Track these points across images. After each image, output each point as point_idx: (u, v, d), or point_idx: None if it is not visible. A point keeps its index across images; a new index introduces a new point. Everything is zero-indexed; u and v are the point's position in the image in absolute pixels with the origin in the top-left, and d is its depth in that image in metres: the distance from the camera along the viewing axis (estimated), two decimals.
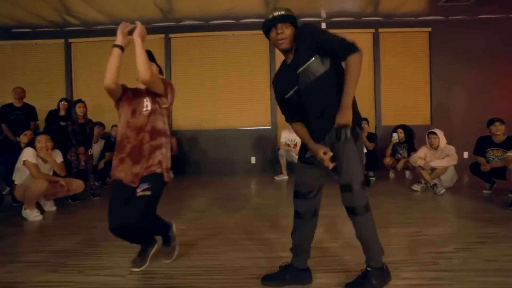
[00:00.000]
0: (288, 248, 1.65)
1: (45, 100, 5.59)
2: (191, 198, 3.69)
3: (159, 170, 1.66)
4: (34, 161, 2.89)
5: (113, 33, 6.33)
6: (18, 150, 3.75)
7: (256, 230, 2.45)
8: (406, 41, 5.66)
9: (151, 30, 5.59)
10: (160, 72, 1.91)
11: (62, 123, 4.98)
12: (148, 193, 1.59)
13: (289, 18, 1.43)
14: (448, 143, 3.82)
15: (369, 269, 1.48)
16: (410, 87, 5.69)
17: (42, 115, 5.13)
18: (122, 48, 1.67)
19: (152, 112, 1.72)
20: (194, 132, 5.61)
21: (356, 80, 1.38)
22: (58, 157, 3.15)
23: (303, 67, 1.42)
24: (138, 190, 1.62)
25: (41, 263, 1.92)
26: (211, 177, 5.18)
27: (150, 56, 1.75)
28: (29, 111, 4.75)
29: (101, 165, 4.45)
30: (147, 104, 1.72)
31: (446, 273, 1.66)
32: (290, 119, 1.61)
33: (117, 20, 5.46)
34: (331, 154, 1.41)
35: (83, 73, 5.86)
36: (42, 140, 2.97)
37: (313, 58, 1.41)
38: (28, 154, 2.88)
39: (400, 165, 4.34)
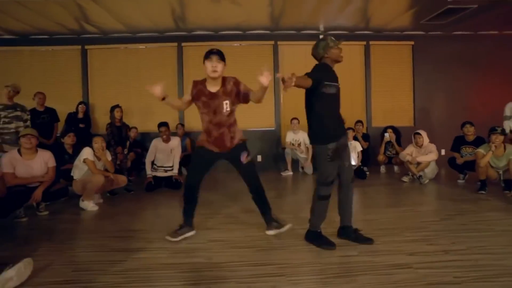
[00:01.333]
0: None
1: (63, 103, 5.93)
2: (212, 194, 4.24)
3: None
4: (92, 159, 3.37)
5: (127, 40, 6.86)
6: (58, 150, 4.20)
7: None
8: (393, 53, 6.46)
9: (164, 38, 6.17)
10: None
11: (81, 125, 5.42)
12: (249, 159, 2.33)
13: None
14: (430, 141, 4.61)
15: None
16: (396, 93, 6.50)
17: (61, 117, 5.49)
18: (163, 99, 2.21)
19: (231, 113, 2.28)
20: None
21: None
22: (108, 155, 3.63)
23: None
24: (242, 159, 2.29)
25: (133, 237, 2.45)
26: (222, 174, 5.72)
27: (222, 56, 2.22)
28: (52, 114, 5.11)
29: (129, 163, 4.90)
30: (226, 106, 2.24)
31: (436, 232, 2.36)
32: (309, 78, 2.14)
33: (133, 29, 5.90)
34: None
35: (99, 78, 6.24)
36: (99, 141, 3.45)
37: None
38: (87, 153, 3.35)
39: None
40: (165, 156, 4.38)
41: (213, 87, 2.23)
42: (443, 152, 5.98)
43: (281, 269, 1.84)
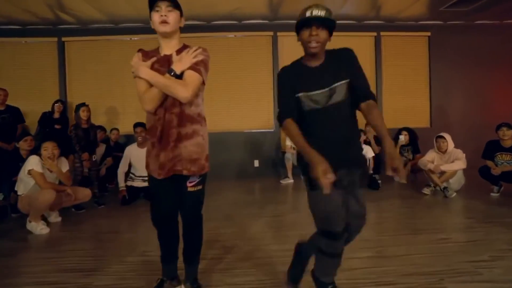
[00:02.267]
0: None
1: (36, 102, 5.34)
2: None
3: None
4: (40, 170, 2.71)
5: (110, 32, 6.13)
6: (12, 156, 3.56)
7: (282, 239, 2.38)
8: (407, 45, 5.75)
9: (150, 30, 5.51)
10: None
11: (57, 126, 4.77)
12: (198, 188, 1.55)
13: (328, 22, 1.29)
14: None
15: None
16: (410, 90, 5.78)
17: (34, 117, 4.89)
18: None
19: None
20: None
21: (384, 123, 1.26)
22: (64, 165, 2.98)
23: (341, 82, 1.31)
24: (188, 184, 1.52)
25: (63, 284, 1.78)
26: (216, 181, 5.06)
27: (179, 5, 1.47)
28: (15, 114, 4.47)
29: (103, 171, 4.25)
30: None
31: (491, 284, 1.65)
32: (288, 116, 1.33)
33: (115, 19, 5.26)
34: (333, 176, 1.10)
35: (78, 73, 5.60)
36: (49, 148, 2.78)
37: (344, 82, 1.31)
38: (33, 163, 2.69)
39: (407, 168, 4.38)
40: (143, 163, 3.68)
41: (169, 50, 1.50)
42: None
43: None
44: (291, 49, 5.64)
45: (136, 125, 3.80)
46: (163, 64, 1.45)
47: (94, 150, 3.72)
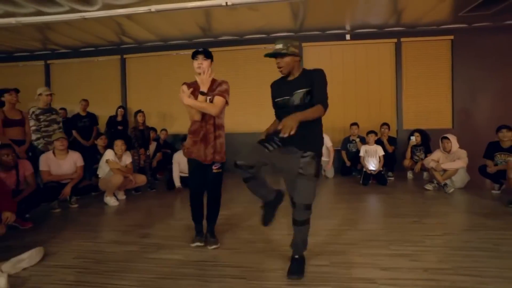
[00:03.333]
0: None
1: (105, 108, 6.65)
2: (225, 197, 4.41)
3: None
4: (114, 159, 3.78)
5: (160, 48, 7.31)
6: (89, 151, 4.75)
7: None
8: (428, 49, 5.96)
9: (193, 45, 6.52)
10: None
11: (119, 127, 5.99)
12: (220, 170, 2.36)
13: (282, 54, 1.80)
14: (469, 147, 4.17)
15: (296, 256, 1.93)
16: (431, 93, 5.98)
17: (103, 120, 6.15)
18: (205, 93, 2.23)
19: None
20: (233, 136, 6.30)
21: (311, 115, 1.71)
22: (129, 157, 4.03)
23: (299, 91, 1.82)
24: (214, 168, 2.32)
25: (128, 232, 2.72)
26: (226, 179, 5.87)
27: (210, 54, 2.31)
28: (93, 119, 5.77)
29: (154, 163, 5.32)
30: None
31: (428, 247, 2.19)
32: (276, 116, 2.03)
33: (164, 38, 6.36)
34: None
35: (135, 84, 6.85)
36: (119, 144, 3.86)
37: (305, 89, 1.81)
38: (109, 155, 3.78)
39: (417, 167, 4.72)
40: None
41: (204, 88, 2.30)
42: None
43: (245, 272, 1.91)
44: (315, 58, 6.23)
45: (183, 139, 4.75)
46: (198, 89, 2.30)
47: (148, 147, 4.76)
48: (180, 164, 4.54)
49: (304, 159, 1.79)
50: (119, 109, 6.03)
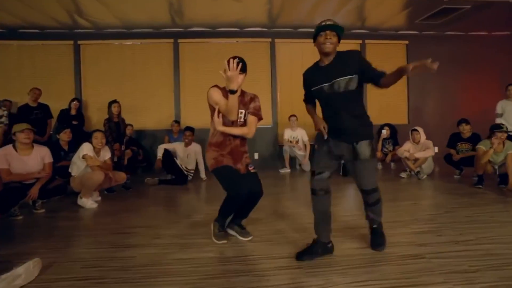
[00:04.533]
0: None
1: (55, 100, 5.76)
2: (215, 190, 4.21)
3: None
4: (92, 154, 3.27)
5: (122, 36, 6.72)
6: (54, 146, 4.06)
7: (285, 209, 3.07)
8: (388, 51, 6.56)
9: (160, 34, 6.08)
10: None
11: (74, 122, 5.26)
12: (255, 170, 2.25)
13: (337, 28, 1.78)
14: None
15: (375, 226, 2.00)
16: (391, 91, 6.54)
17: (53, 114, 5.33)
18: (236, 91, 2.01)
19: (244, 124, 2.19)
20: (202, 131, 6.04)
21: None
22: (107, 152, 3.54)
23: (342, 78, 1.77)
24: (250, 168, 2.22)
25: (137, 233, 2.39)
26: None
27: (244, 67, 2.10)
28: (46, 110, 4.97)
29: (125, 161, 4.79)
30: (240, 116, 2.17)
31: (442, 223, 2.40)
32: (307, 101, 2.08)
33: (128, 24, 5.78)
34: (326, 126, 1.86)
35: (92, 74, 6.09)
36: (99, 137, 3.35)
37: (353, 76, 1.79)
38: (87, 149, 3.25)
39: (388, 158, 5.16)
40: (185, 158, 4.57)
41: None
42: (436, 149, 6.11)
43: (298, 262, 1.83)
44: (286, 54, 6.35)
45: (187, 128, 4.65)
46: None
47: (123, 141, 4.27)
48: (181, 155, 4.57)
49: (360, 147, 1.82)
50: (73, 102, 5.31)
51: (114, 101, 4.21)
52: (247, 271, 1.74)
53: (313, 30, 1.91)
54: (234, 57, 2.03)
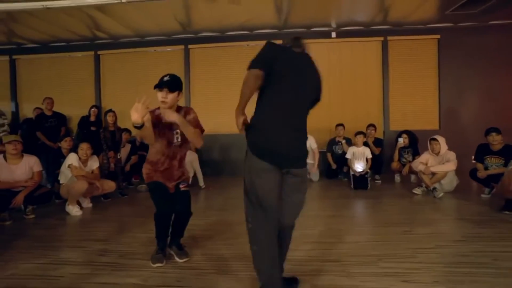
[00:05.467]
0: None
1: (77, 107, 6.20)
2: (211, 199, 4.10)
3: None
4: (77, 164, 3.39)
5: (136, 44, 6.89)
6: (55, 153, 4.33)
7: None
8: (415, 48, 5.82)
9: (171, 41, 6.17)
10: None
11: (92, 128, 5.56)
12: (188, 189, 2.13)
13: None
14: (456, 148, 4.02)
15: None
16: (418, 93, 5.85)
17: (75, 121, 5.71)
18: (142, 126, 1.82)
19: (182, 145, 2.10)
20: (212, 137, 5.97)
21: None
22: (95, 162, 3.65)
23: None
24: (181, 186, 2.11)
25: (89, 248, 2.36)
26: (228, 177, 5.58)
27: (177, 85, 1.99)
28: (60, 119, 5.32)
29: (128, 167, 4.93)
30: (177, 136, 2.07)
31: (421, 264, 1.95)
32: (258, 66, 1.51)
33: (141, 33, 5.98)
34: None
35: (110, 81, 6.43)
36: (84, 148, 3.48)
37: None
38: (72, 159, 3.38)
39: (405, 169, 4.54)
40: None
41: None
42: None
43: None
44: None
45: None
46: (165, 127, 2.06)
47: (119, 149, 4.38)
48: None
49: None
50: (92, 109, 5.61)
51: (110, 111, 4.33)
52: None
53: (328, 29, 1.76)
54: (164, 76, 1.97)
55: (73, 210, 3.34)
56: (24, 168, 3.18)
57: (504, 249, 2.17)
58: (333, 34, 5.91)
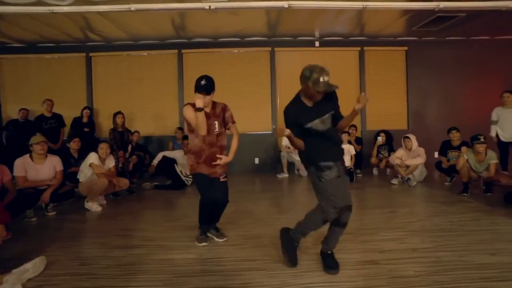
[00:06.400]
0: None
1: (69, 108, 6.20)
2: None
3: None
4: (98, 163, 3.62)
5: (130, 47, 7.07)
6: (59, 155, 4.45)
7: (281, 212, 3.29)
8: (387, 58, 6.64)
9: (165, 46, 6.42)
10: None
11: (85, 129, 5.67)
12: (226, 179, 2.52)
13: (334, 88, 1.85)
14: (422, 144, 4.79)
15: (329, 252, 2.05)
16: (390, 97, 6.67)
17: (67, 122, 5.74)
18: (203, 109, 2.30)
19: (220, 134, 2.49)
20: None
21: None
22: (112, 161, 3.90)
23: (326, 116, 1.94)
24: (221, 178, 2.48)
25: (127, 235, 2.68)
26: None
27: (212, 87, 2.36)
28: (59, 120, 5.38)
29: (131, 166, 5.13)
30: (215, 126, 2.45)
31: (410, 232, 2.56)
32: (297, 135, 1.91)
33: (135, 37, 6.15)
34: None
35: (103, 84, 6.50)
36: (104, 147, 3.72)
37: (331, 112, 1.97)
38: (93, 158, 3.62)
39: (382, 164, 5.27)
40: (185, 165, 4.88)
41: (206, 110, 2.44)
42: (435, 155, 6.13)
43: (263, 264, 2.06)
44: (286, 63, 6.55)
45: (185, 137, 5.01)
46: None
47: (127, 149, 4.61)
48: (181, 162, 4.84)
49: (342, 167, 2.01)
50: (85, 110, 5.72)
51: (119, 112, 4.56)
52: (218, 271, 1.99)
53: (312, 38, 2.14)
54: (201, 77, 2.32)
55: (94, 206, 3.57)
56: (48, 168, 3.36)
57: (465, 219, 2.89)
58: (317, 43, 6.54)
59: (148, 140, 6.44)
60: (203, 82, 2.30)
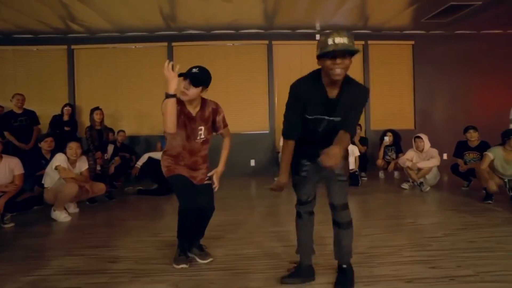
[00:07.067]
0: None
1: (48, 105, 5.70)
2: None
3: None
4: (65, 165, 3.10)
5: (116, 40, 6.54)
6: (30, 156, 3.95)
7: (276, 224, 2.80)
8: (393, 53, 6.20)
9: (154, 38, 5.93)
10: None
11: (66, 128, 5.13)
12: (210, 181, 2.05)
13: (353, 53, 1.33)
14: (431, 145, 4.32)
15: (344, 266, 1.69)
16: (396, 95, 6.23)
17: (45, 120, 5.22)
18: (175, 96, 1.75)
19: (205, 141, 2.01)
20: None
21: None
22: (84, 163, 3.37)
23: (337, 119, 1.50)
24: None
25: (91, 255, 2.17)
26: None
27: (202, 80, 1.88)
28: (32, 117, 4.83)
29: (112, 169, 4.61)
30: (201, 133, 1.97)
31: (439, 251, 2.07)
32: (290, 137, 1.59)
33: (121, 28, 5.66)
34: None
35: (86, 79, 6.00)
36: (73, 147, 3.18)
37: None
38: (60, 160, 3.08)
39: (391, 166, 4.80)
40: None
41: (192, 109, 1.95)
42: (445, 156, 5.69)
43: None
44: (284, 57, 6.08)
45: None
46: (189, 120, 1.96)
47: (106, 149, 4.10)
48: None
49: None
50: (66, 107, 5.18)
51: (97, 108, 4.04)
52: None
53: (312, 31, 1.69)
54: (194, 67, 1.85)
55: (61, 216, 3.05)
56: (4, 171, 2.84)
57: (503, 234, 2.40)
58: (317, 37, 6.07)
59: (135, 140, 5.93)
60: (194, 70, 1.84)
